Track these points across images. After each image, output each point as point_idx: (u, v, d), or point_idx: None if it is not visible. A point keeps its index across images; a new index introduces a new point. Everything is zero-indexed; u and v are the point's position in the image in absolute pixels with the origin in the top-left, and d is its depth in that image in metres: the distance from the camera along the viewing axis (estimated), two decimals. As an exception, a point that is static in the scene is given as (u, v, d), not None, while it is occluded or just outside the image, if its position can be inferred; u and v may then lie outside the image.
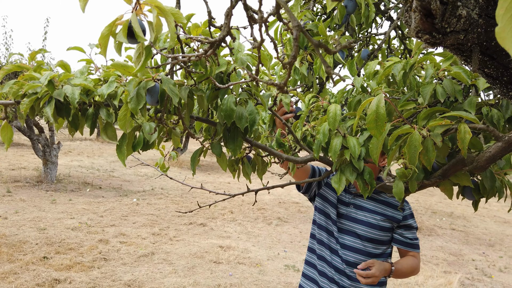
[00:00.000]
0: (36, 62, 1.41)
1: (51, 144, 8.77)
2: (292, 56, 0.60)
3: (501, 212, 11.23)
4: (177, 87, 1.14)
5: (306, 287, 2.12)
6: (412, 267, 1.93)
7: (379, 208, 1.96)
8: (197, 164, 1.41)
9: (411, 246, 1.96)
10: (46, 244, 5.22)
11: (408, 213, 1.96)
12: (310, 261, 2.14)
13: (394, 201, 1.98)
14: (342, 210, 2.01)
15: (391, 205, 1.96)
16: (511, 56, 0.72)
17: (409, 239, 1.96)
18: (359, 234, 1.95)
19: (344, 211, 2.01)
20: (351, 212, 1.99)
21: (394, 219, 1.94)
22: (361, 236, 1.94)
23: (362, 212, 1.97)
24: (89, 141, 19.22)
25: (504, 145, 1.04)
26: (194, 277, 4.70)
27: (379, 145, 1.15)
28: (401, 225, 1.96)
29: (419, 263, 1.96)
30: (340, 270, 1.95)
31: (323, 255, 2.04)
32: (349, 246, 1.96)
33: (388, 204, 1.97)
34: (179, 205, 8.32)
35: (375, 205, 1.97)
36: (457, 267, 6.09)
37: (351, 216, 1.98)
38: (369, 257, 1.94)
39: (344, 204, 2.02)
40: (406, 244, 1.96)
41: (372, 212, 1.95)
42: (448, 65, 1.24)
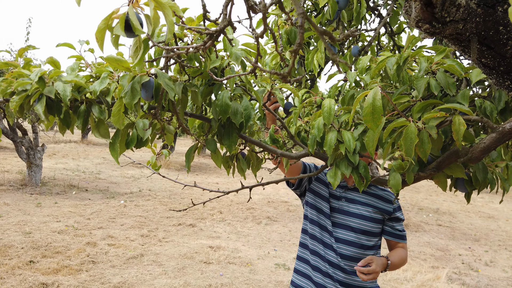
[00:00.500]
0: (24, 59, 1.37)
1: (35, 146, 8.60)
2: (297, 43, 0.60)
3: (485, 208, 11.46)
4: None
5: (299, 283, 2.11)
6: (402, 258, 1.98)
7: (371, 201, 2.00)
8: (191, 160, 1.40)
9: (401, 238, 2.03)
10: (32, 248, 5.11)
11: (397, 206, 2.03)
12: (302, 257, 2.14)
13: (384, 194, 2.03)
14: (334, 204, 2.04)
15: (382, 198, 2.02)
16: (508, 45, 0.73)
17: (398, 231, 2.03)
18: (353, 227, 1.97)
19: (336, 205, 2.03)
20: (343, 206, 2.02)
21: (385, 211, 1.99)
22: (355, 229, 1.97)
23: (354, 205, 2.00)
24: (74, 143, 18.92)
25: (498, 136, 1.05)
26: (184, 278, 4.66)
27: (375, 138, 1.16)
28: (392, 217, 2.02)
29: (407, 254, 2.03)
30: (334, 264, 1.96)
31: (316, 250, 2.05)
32: (343, 239, 1.98)
33: (378, 196, 2.02)
34: (168, 206, 8.26)
35: (367, 198, 2.01)
36: (444, 262, 6.18)
37: (344, 210, 2.01)
38: (363, 249, 1.96)
39: (335, 198, 2.05)
40: (397, 236, 2.02)
41: (364, 204, 1.99)
42: (441, 58, 1.25)
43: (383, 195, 2.03)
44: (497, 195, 14.15)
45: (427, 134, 1.12)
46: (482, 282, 5.41)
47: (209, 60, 1.22)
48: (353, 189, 2.04)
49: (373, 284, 2.03)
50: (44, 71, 1.15)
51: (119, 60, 1.08)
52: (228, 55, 1.34)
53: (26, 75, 1.19)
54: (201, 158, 17.44)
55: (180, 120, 1.20)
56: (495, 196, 13.90)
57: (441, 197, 12.91)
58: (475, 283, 5.36)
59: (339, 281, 1.96)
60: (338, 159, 1.41)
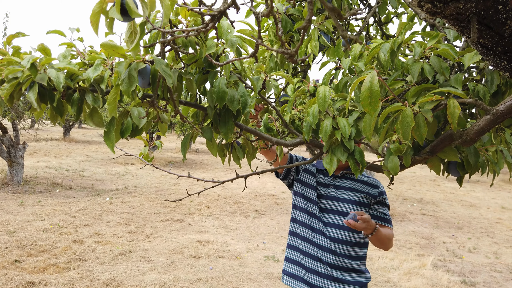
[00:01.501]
0: (13, 47, 1.33)
1: (16, 144, 8.40)
2: (307, 20, 0.60)
3: (467, 197, 11.73)
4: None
5: (290, 270, 2.15)
6: (389, 237, 2.03)
7: (357, 186, 2.10)
8: (187, 149, 1.38)
9: (386, 221, 2.10)
10: (16, 247, 5.01)
11: (382, 190, 2.12)
12: (292, 245, 2.19)
13: (369, 180, 2.14)
14: (322, 191, 2.13)
15: (367, 183, 2.11)
16: (507, 25, 0.75)
17: (384, 214, 2.10)
18: (341, 211, 2.06)
19: (325, 192, 2.12)
20: (331, 192, 2.11)
21: (371, 195, 2.09)
22: (343, 213, 2.05)
23: (342, 191, 2.10)
24: (55, 141, 18.54)
25: (492, 118, 1.07)
26: (174, 272, 4.64)
27: (372, 122, 1.17)
28: (378, 201, 2.10)
29: (392, 235, 2.08)
30: (323, 247, 2.04)
31: (306, 236, 2.13)
32: (333, 223, 2.06)
33: (364, 182, 2.11)
34: (154, 202, 8.19)
35: (353, 184, 2.10)
36: (429, 250, 6.32)
37: (332, 196, 2.10)
38: (352, 232, 2.05)
39: (324, 186, 2.14)
40: (382, 219, 2.09)
41: (352, 190, 2.09)
42: (434, 43, 1.27)
43: (368, 180, 2.13)
44: (478, 184, 14.50)
45: (423, 118, 1.14)
46: (466, 268, 5.55)
47: (204, 47, 1.21)
48: (341, 176, 2.14)
49: (362, 267, 2.08)
50: (36, 57, 1.12)
51: (114, 46, 1.06)
52: (223, 42, 1.32)
53: (17, 62, 1.16)
54: (187, 154, 17.31)
55: (177, 108, 1.18)
56: (476, 185, 14.25)
57: (424, 187, 13.17)
58: (459, 269, 5.50)
59: (329, 264, 2.01)
60: (334, 145, 1.42)
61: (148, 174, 11.82)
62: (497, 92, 1.25)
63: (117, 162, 13.91)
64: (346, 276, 2.01)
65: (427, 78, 1.33)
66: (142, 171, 12.37)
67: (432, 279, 4.98)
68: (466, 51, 1.26)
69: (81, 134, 24.38)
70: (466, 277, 5.18)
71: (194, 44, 1.20)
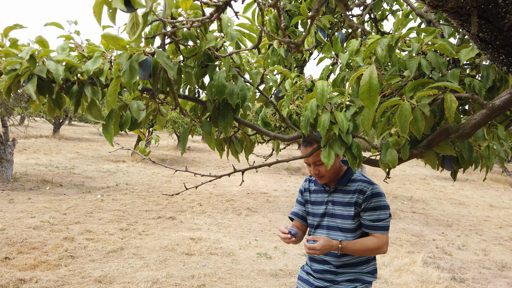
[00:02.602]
0: (10, 39, 1.32)
1: (5, 141, 8.29)
2: (315, 9, 0.61)
3: (456, 195, 11.89)
4: (169, 61, 1.11)
5: (301, 275, 2.29)
6: (366, 246, 1.97)
7: (348, 198, 2.04)
8: (186, 142, 1.39)
9: (371, 228, 1.99)
10: (6, 245, 4.95)
11: (369, 194, 1.99)
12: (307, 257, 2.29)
13: (358, 186, 2.03)
14: (321, 210, 2.14)
15: (356, 191, 2.02)
16: (506, 19, 0.77)
17: (369, 220, 2.00)
18: (340, 227, 2.06)
19: (324, 210, 2.13)
20: (329, 209, 2.10)
21: (357, 204, 2.01)
22: (342, 229, 2.06)
23: (338, 206, 2.07)
24: (45, 138, 18.33)
25: (488, 112, 1.10)
26: (166, 269, 4.63)
27: (371, 116, 1.18)
28: (364, 208, 2.00)
29: (380, 244, 1.97)
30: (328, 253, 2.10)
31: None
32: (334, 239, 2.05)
33: (353, 191, 2.02)
34: (146, 199, 8.15)
35: (343, 196, 2.05)
36: (420, 247, 6.39)
37: (331, 213, 2.10)
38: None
39: (324, 204, 2.13)
40: (366, 226, 2.01)
41: (343, 204, 2.05)
42: (431, 38, 1.29)
43: (357, 187, 2.02)
44: (467, 183, 14.70)
45: (421, 112, 1.16)
46: (455, 265, 5.62)
47: (204, 40, 1.21)
48: (334, 190, 2.10)
49: (368, 267, 2.11)
50: (34, 49, 1.11)
51: (115, 37, 1.05)
52: (222, 36, 1.33)
53: (15, 54, 1.15)
54: (178, 152, 17.26)
55: (177, 100, 1.18)
56: (465, 184, 14.44)
57: (414, 185, 13.30)
58: (449, 266, 5.57)
59: (334, 265, 2.07)
60: (331, 139, 1.44)
61: (140, 172, 11.75)
62: (492, 87, 1.28)
63: (108, 159, 13.80)
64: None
65: (423, 74, 1.35)
66: (133, 168, 12.30)
67: (422, 276, 5.04)
68: (462, 47, 1.28)
69: (71, 131, 24.13)
70: (456, 274, 5.26)
71: (195, 37, 1.20)
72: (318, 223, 2.14)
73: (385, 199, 2.01)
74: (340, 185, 2.05)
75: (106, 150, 16.28)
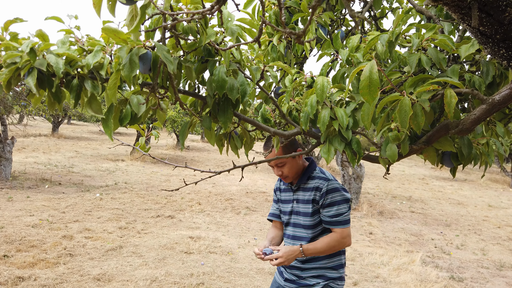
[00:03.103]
0: (10, 33, 1.32)
1: (4, 139, 8.28)
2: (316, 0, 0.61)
3: (455, 195, 11.90)
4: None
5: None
6: (328, 244, 2.00)
7: (307, 195, 2.06)
8: (186, 137, 1.39)
9: (330, 224, 2.01)
10: (5, 243, 4.94)
11: (324, 191, 2.00)
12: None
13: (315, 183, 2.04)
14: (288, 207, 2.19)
15: (314, 188, 2.04)
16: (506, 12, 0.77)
17: (327, 217, 2.01)
18: (303, 224, 2.11)
19: (291, 208, 2.17)
20: (295, 207, 2.15)
21: (315, 201, 2.04)
22: (304, 226, 2.10)
23: (301, 204, 2.11)
24: (44, 137, 18.30)
25: (488, 107, 1.10)
26: (165, 268, 4.63)
27: (371, 111, 1.18)
28: (321, 205, 2.02)
29: (341, 238, 2.00)
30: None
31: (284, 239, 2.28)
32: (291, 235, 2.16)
33: (311, 189, 2.05)
34: (145, 198, 8.14)
35: (304, 194, 2.09)
36: (418, 246, 6.40)
37: (296, 211, 2.14)
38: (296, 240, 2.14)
39: (291, 202, 2.17)
40: (326, 222, 2.03)
41: (305, 202, 2.08)
42: (432, 34, 1.29)
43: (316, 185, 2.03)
44: (465, 183, 14.72)
45: (421, 107, 1.16)
46: (454, 264, 5.63)
47: (205, 35, 1.21)
48: (297, 189, 2.13)
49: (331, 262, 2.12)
50: (35, 42, 1.11)
51: (115, 31, 1.05)
52: (222, 31, 1.33)
53: (15, 48, 1.15)
54: (177, 151, 17.25)
55: (177, 95, 1.18)
56: (464, 184, 14.46)
57: (413, 185, 13.32)
58: (447, 265, 5.58)
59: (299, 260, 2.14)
60: (331, 135, 1.44)
61: (139, 171, 11.75)
62: (492, 83, 1.28)
63: (107, 158, 13.79)
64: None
65: (423, 70, 1.36)
66: (132, 167, 12.29)
67: (421, 275, 5.05)
68: (463, 43, 1.28)
69: (70, 130, 24.10)
70: (454, 273, 5.26)
71: (195, 32, 1.20)
72: (287, 221, 2.19)
73: (343, 193, 2.01)
74: (301, 183, 2.09)
75: (105, 149, 16.27)
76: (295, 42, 0.72)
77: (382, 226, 7.46)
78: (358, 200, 8.74)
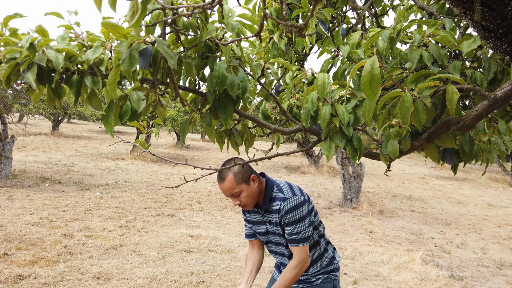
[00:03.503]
0: (9, 29, 1.31)
1: (4, 138, 8.27)
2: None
3: (455, 194, 11.90)
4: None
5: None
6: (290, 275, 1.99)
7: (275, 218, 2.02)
8: (186, 134, 1.38)
9: (290, 242, 1.99)
10: (5, 241, 4.94)
11: (283, 212, 1.96)
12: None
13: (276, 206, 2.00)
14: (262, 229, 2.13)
15: (276, 211, 2.00)
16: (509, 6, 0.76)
17: (287, 235, 1.99)
18: (282, 243, 2.09)
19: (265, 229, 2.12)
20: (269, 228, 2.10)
21: (280, 223, 2.01)
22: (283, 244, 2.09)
23: (274, 225, 2.06)
24: (44, 136, 18.30)
25: (490, 103, 1.09)
26: (165, 266, 4.63)
27: (372, 107, 1.18)
28: (283, 225, 2.00)
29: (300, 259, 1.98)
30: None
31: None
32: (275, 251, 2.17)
33: (275, 211, 2.01)
34: (145, 197, 8.14)
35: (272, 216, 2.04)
36: (418, 245, 6.39)
37: (272, 231, 2.09)
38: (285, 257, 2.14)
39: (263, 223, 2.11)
40: (290, 241, 2.00)
41: (275, 224, 2.04)
42: (433, 30, 1.28)
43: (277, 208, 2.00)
44: (466, 182, 14.71)
45: (422, 103, 1.15)
46: (454, 263, 5.63)
47: (205, 30, 1.20)
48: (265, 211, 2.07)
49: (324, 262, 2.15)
50: (34, 37, 1.10)
51: (116, 26, 1.05)
52: (223, 27, 1.32)
53: (14, 43, 1.14)
54: (177, 150, 17.25)
55: (177, 91, 1.18)
56: (464, 183, 14.45)
57: (413, 184, 13.31)
58: (447, 264, 5.58)
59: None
60: (332, 132, 1.43)
61: (139, 170, 11.75)
62: (494, 79, 1.27)
63: (107, 157, 13.79)
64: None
65: (424, 66, 1.35)
66: (132, 166, 12.29)
67: (421, 273, 5.05)
68: (464, 39, 1.28)
69: (70, 129, 24.10)
70: (454, 272, 5.26)
71: (195, 27, 1.19)
72: (266, 240, 2.15)
73: (301, 211, 1.95)
74: (266, 207, 2.02)
75: (105, 148, 16.26)
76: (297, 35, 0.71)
77: (382, 225, 7.46)
78: (358, 199, 8.74)
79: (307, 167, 14.25)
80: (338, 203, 8.98)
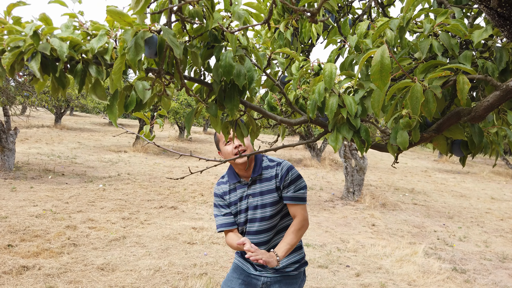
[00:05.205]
0: (13, 17, 1.29)
1: (7, 130, 8.28)
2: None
3: (457, 187, 11.88)
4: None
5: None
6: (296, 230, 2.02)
7: (266, 186, 2.08)
8: (191, 124, 1.37)
9: (296, 200, 2.06)
10: (9, 232, 4.97)
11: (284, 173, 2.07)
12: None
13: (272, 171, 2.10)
14: (243, 205, 2.13)
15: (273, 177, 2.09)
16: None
17: (292, 193, 2.06)
18: (262, 217, 2.08)
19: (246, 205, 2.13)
20: (251, 202, 2.11)
21: (278, 188, 2.07)
22: (263, 218, 2.08)
23: (258, 197, 2.09)
24: (47, 128, 18.33)
25: (502, 94, 1.07)
26: (168, 258, 4.64)
27: (381, 98, 1.16)
28: (284, 186, 2.07)
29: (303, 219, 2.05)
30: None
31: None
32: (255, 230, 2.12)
33: (270, 178, 2.09)
34: (148, 189, 8.16)
35: (262, 186, 2.09)
36: (421, 238, 6.39)
37: (253, 205, 2.10)
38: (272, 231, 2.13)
39: (244, 199, 2.13)
40: (290, 199, 2.06)
41: (265, 193, 2.08)
42: (443, 19, 1.26)
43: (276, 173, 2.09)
44: (468, 175, 14.68)
45: (432, 94, 1.13)
46: (456, 256, 5.63)
47: (211, 19, 1.18)
48: (252, 182, 2.12)
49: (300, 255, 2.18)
50: (38, 25, 1.08)
51: (121, 13, 1.03)
52: (229, 16, 1.30)
53: (18, 31, 1.12)
54: (180, 142, 17.26)
55: (183, 81, 1.16)
56: (467, 176, 14.42)
57: (416, 177, 13.29)
58: (450, 257, 5.58)
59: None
60: (339, 123, 1.41)
61: (141, 162, 11.76)
62: (505, 70, 1.25)
63: (109, 149, 13.80)
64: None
65: (434, 56, 1.32)
66: (135, 158, 12.30)
67: (424, 266, 5.05)
68: (475, 28, 1.25)
69: (73, 121, 24.12)
70: (457, 265, 5.26)
71: (201, 16, 1.17)
72: (245, 219, 2.15)
73: (295, 170, 2.10)
74: (256, 175, 2.09)
75: (108, 140, 16.27)
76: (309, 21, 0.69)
77: (384, 218, 7.45)
78: (360, 192, 8.73)
79: (310, 160, 14.23)
80: (341, 196, 8.98)
